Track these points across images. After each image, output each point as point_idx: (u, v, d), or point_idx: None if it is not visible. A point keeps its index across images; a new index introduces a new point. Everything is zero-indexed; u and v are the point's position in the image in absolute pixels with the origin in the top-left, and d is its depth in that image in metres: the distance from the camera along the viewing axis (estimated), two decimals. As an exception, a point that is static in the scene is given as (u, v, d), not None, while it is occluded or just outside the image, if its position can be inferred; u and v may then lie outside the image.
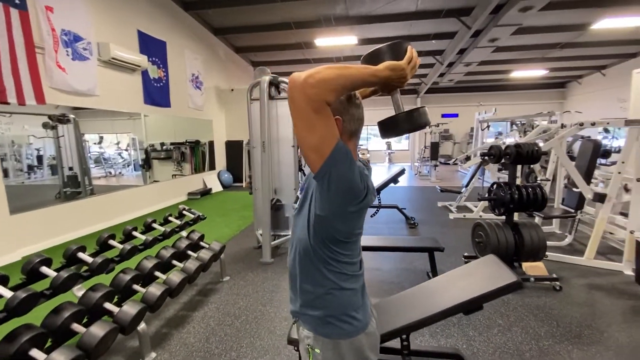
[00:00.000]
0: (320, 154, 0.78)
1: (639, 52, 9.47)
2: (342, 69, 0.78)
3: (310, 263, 0.92)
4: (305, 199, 0.95)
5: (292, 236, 1.02)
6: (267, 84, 3.47)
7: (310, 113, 0.76)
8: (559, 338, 2.18)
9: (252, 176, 3.96)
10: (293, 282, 1.01)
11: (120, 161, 6.71)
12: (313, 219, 0.88)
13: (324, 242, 0.89)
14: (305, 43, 8.67)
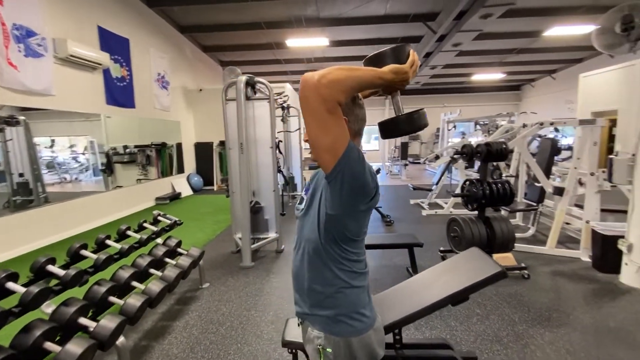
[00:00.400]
0: (334, 154, 0.79)
1: (584, 58, 10.41)
2: (351, 71, 0.79)
3: (321, 263, 0.92)
4: (313, 200, 0.95)
5: (298, 237, 1.01)
6: (244, 84, 3.40)
7: (324, 113, 0.77)
8: (531, 322, 2.33)
9: (229, 178, 3.86)
10: (299, 283, 1.00)
11: (75, 166, 6.23)
12: (324, 219, 0.88)
13: (335, 241, 0.90)
14: (276, 43, 8.60)
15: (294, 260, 1.02)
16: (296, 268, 1.01)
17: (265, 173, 3.85)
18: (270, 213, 3.91)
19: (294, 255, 1.03)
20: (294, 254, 1.03)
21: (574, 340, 2.13)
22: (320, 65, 10.73)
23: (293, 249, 1.05)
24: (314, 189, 0.97)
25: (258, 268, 3.44)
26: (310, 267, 0.94)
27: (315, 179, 0.99)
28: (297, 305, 1.04)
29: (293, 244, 1.05)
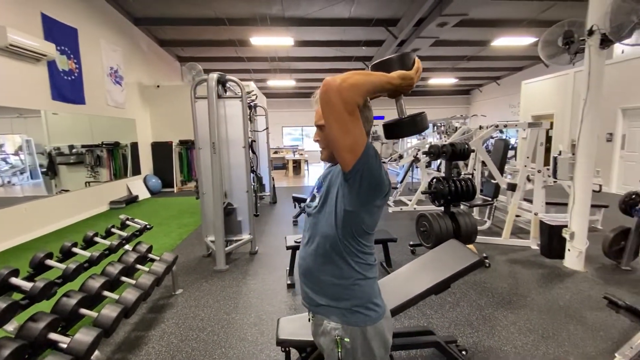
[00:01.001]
0: (354, 153, 0.84)
1: (524, 67, 11.54)
2: (367, 75, 0.84)
3: (338, 257, 0.96)
4: (327, 197, 0.98)
5: (310, 234, 1.03)
6: (215, 81, 3.30)
7: (345, 115, 0.81)
8: (496, 306, 2.57)
9: (199, 179, 3.72)
10: (312, 278, 1.02)
11: (5, 168, 5.55)
12: (342, 215, 0.92)
13: (353, 236, 0.94)
14: (239, 40, 8.40)
15: (305, 257, 1.04)
16: (307, 263, 1.02)
17: (238, 173, 3.77)
18: (243, 214, 3.83)
19: (304, 251, 1.04)
20: (304, 250, 1.05)
21: (532, 319, 2.38)
22: (285, 64, 10.70)
23: (303, 245, 1.06)
24: (328, 186, 0.99)
25: (233, 271, 3.36)
26: (326, 261, 0.97)
27: (329, 177, 1.02)
28: (307, 300, 1.05)
29: (304, 240, 1.06)
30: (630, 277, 2.99)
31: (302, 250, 1.07)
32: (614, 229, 3.23)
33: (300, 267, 1.07)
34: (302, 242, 1.09)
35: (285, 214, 5.74)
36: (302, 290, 1.08)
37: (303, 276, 1.06)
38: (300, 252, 1.09)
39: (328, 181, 1.00)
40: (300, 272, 1.07)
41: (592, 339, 2.14)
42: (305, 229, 1.08)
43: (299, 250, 1.10)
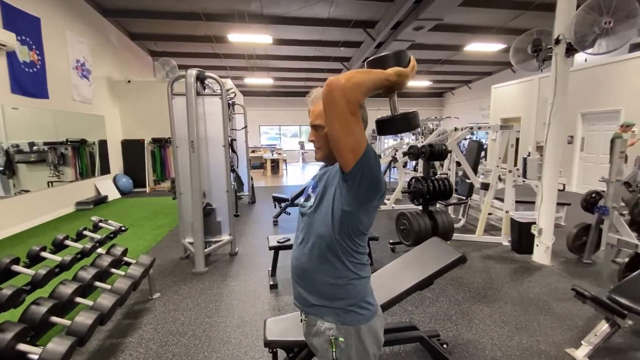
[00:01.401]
0: (355, 153, 0.84)
1: (493, 72, 12.09)
2: (367, 74, 0.85)
3: (334, 257, 0.96)
4: (324, 197, 0.97)
5: (305, 233, 1.02)
6: (194, 78, 3.21)
7: (348, 115, 0.81)
8: (472, 300, 2.68)
9: (176, 179, 3.60)
10: (306, 278, 1.01)
11: None
12: (339, 215, 0.92)
13: (349, 236, 0.94)
14: (215, 37, 8.20)
15: (299, 257, 1.03)
16: (302, 263, 1.02)
17: (217, 173, 3.68)
18: (223, 215, 3.75)
19: (299, 251, 1.04)
20: (298, 250, 1.04)
21: (506, 312, 2.51)
22: (263, 62, 10.57)
23: (297, 245, 1.05)
24: (324, 186, 0.99)
25: (213, 273, 3.28)
26: (322, 261, 0.97)
27: (326, 176, 1.01)
28: (300, 300, 1.05)
29: (298, 240, 1.05)
30: (591, 270, 3.22)
31: (295, 250, 1.06)
32: (577, 225, 3.47)
33: (293, 267, 1.07)
34: (295, 242, 1.08)
35: (264, 214, 5.67)
36: (295, 290, 1.08)
37: (297, 276, 1.06)
38: (293, 252, 1.08)
39: (324, 181, 1.00)
40: (294, 272, 1.07)
41: (560, 328, 2.28)
42: (298, 228, 1.08)
43: (293, 250, 1.09)
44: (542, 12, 6.67)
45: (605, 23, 2.59)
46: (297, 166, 13.89)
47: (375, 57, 0.98)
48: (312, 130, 1.04)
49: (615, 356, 1.99)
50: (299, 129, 16.27)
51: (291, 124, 16.00)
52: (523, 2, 6.53)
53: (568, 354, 2.01)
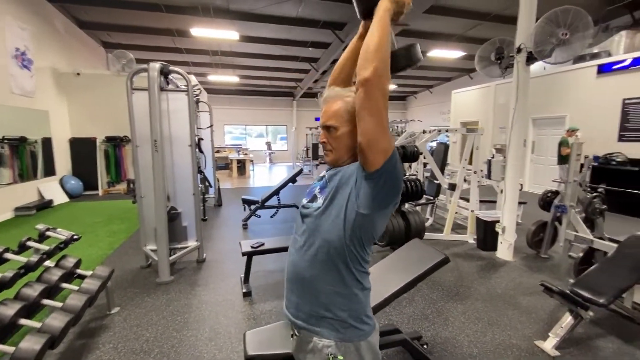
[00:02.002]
0: (386, 152, 0.82)
1: (453, 77, 12.74)
2: (381, 41, 0.81)
3: (341, 264, 0.89)
4: (334, 199, 0.90)
5: (307, 237, 0.93)
6: (158, 72, 2.97)
7: (383, 110, 0.81)
8: (446, 299, 2.74)
9: (137, 181, 3.31)
10: (304, 286, 0.93)
11: None
12: (353, 219, 0.86)
13: (360, 242, 0.88)
14: (177, 30, 7.77)
15: (297, 262, 0.95)
16: (301, 270, 0.93)
17: (183, 174, 3.44)
18: (189, 219, 3.51)
19: (298, 256, 0.95)
20: (298, 255, 0.95)
21: (478, 308, 2.59)
22: (228, 59, 10.21)
23: (296, 250, 0.96)
24: (336, 187, 0.91)
25: (179, 282, 3.05)
26: (326, 268, 0.90)
27: (338, 177, 0.93)
28: (293, 311, 0.96)
29: (297, 244, 0.96)
30: (548, 264, 3.46)
31: (294, 254, 0.97)
32: (535, 223, 3.71)
33: (290, 274, 0.97)
34: (293, 246, 0.99)
35: (232, 217, 5.44)
36: (289, 299, 0.98)
37: (292, 283, 0.97)
38: (290, 257, 0.99)
39: (336, 182, 0.92)
40: (290, 279, 0.98)
41: (528, 322, 2.40)
42: (297, 232, 0.99)
43: (289, 255, 1.00)
44: (497, 24, 7.12)
45: (562, 35, 2.79)
46: (264, 167, 13.61)
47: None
48: (324, 131, 0.97)
49: (579, 346, 2.12)
50: (265, 129, 15.98)
51: (257, 124, 15.67)
52: (480, 13, 6.93)
53: (537, 346, 2.11)
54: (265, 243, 2.95)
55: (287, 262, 1.00)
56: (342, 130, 0.92)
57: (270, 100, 15.24)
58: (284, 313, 1.02)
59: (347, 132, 0.92)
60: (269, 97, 15.20)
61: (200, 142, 3.71)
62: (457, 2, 6.50)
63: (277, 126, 15.97)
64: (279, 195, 5.04)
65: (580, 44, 2.75)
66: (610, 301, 1.99)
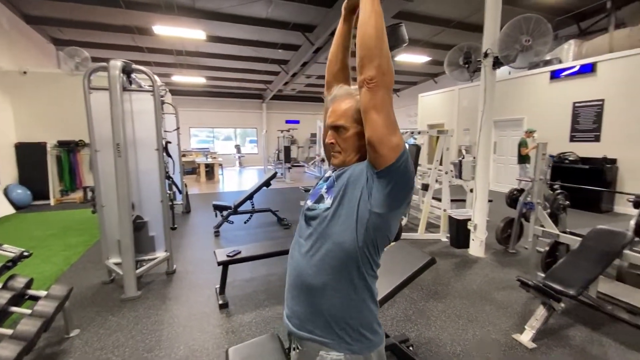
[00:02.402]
0: (397, 150, 0.79)
1: (419, 81, 13.20)
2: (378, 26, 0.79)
3: (353, 268, 0.83)
4: (344, 199, 0.84)
5: (314, 240, 0.87)
6: (120, 70, 2.74)
7: (390, 108, 0.80)
8: (426, 298, 2.77)
9: (96, 188, 3.03)
10: (310, 294, 0.86)
11: None
12: (367, 219, 0.81)
13: (375, 244, 0.84)
14: (138, 28, 7.34)
15: (303, 268, 0.87)
16: (307, 276, 0.86)
17: (149, 180, 3.21)
18: (157, 229, 3.28)
19: (304, 261, 0.87)
20: (303, 260, 0.88)
21: (457, 306, 2.64)
22: (194, 59, 9.82)
23: (301, 254, 0.89)
24: (345, 186, 0.86)
25: (148, 297, 2.83)
26: (337, 273, 0.84)
27: (347, 176, 0.87)
28: (296, 322, 0.89)
29: (303, 248, 0.89)
30: (517, 258, 3.63)
31: (298, 260, 0.89)
32: (503, 220, 3.89)
33: (293, 281, 0.90)
34: (296, 251, 0.91)
35: (202, 225, 5.19)
36: (292, 309, 0.91)
37: (297, 291, 0.89)
38: (294, 262, 0.91)
39: (345, 180, 0.86)
40: (293, 287, 0.90)
41: (504, 316, 2.48)
42: (302, 235, 0.92)
43: (293, 260, 0.92)
44: (460, 30, 7.48)
45: (526, 41, 2.95)
46: (234, 171, 13.23)
47: None
48: (333, 132, 0.91)
49: (552, 336, 2.22)
50: (233, 131, 15.56)
51: (225, 127, 15.22)
52: (445, 19, 7.23)
53: (515, 340, 2.18)
54: (242, 251, 2.82)
55: (289, 268, 0.93)
56: (352, 130, 0.89)
57: (239, 102, 14.89)
58: (284, 324, 0.94)
59: (357, 133, 0.88)
60: (238, 99, 14.85)
61: (168, 145, 3.49)
62: (423, 9, 6.72)
63: (246, 129, 15.63)
64: (252, 199, 4.88)
65: (542, 48, 2.93)
66: (580, 292, 2.11)
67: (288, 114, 15.45)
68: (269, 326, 2.35)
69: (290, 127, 14.24)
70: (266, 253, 2.83)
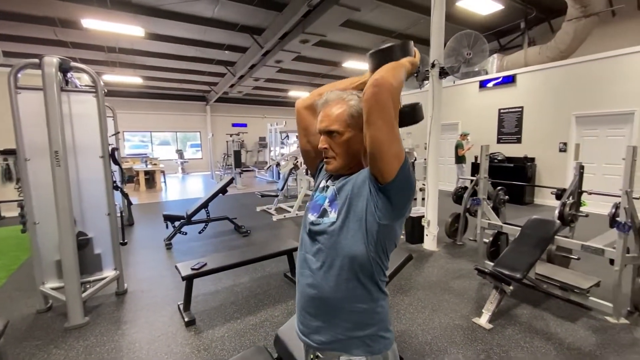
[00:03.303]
0: (399, 159, 0.79)
1: (362, 87, 13.76)
2: (401, 67, 0.82)
3: (367, 278, 0.86)
4: (350, 211, 0.85)
5: (326, 256, 0.87)
6: (56, 67, 2.41)
7: (393, 119, 0.78)
8: (394, 293, 2.91)
9: (26, 203, 2.62)
10: (328, 308, 0.87)
11: None
12: (376, 231, 0.83)
13: (384, 252, 0.86)
14: (61, 20, 6.50)
15: (318, 284, 0.87)
16: (324, 292, 0.87)
17: (94, 191, 2.87)
18: (103, 245, 2.94)
19: (318, 278, 0.88)
20: (316, 276, 0.88)
21: (421, 298, 2.83)
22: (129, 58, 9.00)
23: (313, 271, 0.88)
24: (349, 198, 0.86)
25: (98, 322, 2.52)
26: (353, 285, 0.85)
27: (349, 187, 0.88)
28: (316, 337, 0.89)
29: (314, 264, 0.88)
30: (464, 250, 4.01)
31: (310, 277, 0.89)
32: (451, 215, 4.26)
33: (309, 298, 0.89)
34: (306, 267, 0.91)
35: (150, 238, 4.77)
36: (308, 326, 0.91)
37: (314, 308, 0.89)
38: (305, 280, 0.90)
39: (348, 192, 0.87)
40: (309, 304, 0.90)
41: (463, 303, 2.72)
42: (308, 251, 0.91)
43: (303, 278, 0.91)
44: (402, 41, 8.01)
45: (467, 54, 3.29)
46: (177, 178, 12.39)
47: (381, 48, 0.91)
48: (326, 137, 0.90)
49: (504, 316, 2.50)
50: (174, 135, 14.55)
51: (165, 130, 14.15)
52: (387, 30, 7.71)
53: (475, 323, 2.41)
54: (207, 263, 2.67)
55: (301, 286, 0.92)
56: (346, 135, 0.89)
57: (180, 104, 13.95)
58: (301, 339, 0.93)
59: (351, 137, 0.89)
60: (179, 100, 13.91)
61: (115, 152, 3.13)
62: (367, 19, 7.08)
63: (187, 132, 14.72)
64: (207, 208, 4.63)
65: (480, 61, 3.30)
66: (524, 275, 2.41)
67: (234, 117, 14.93)
68: (244, 338, 2.26)
69: (240, 130, 13.82)
70: (235, 263, 2.71)
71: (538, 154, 6.57)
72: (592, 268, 3.20)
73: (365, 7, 6.03)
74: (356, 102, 0.89)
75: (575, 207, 2.97)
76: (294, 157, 5.99)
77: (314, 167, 1.10)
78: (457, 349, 2.14)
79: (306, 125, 1.05)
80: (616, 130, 5.63)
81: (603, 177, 5.76)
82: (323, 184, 0.99)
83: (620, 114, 5.49)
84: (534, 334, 2.28)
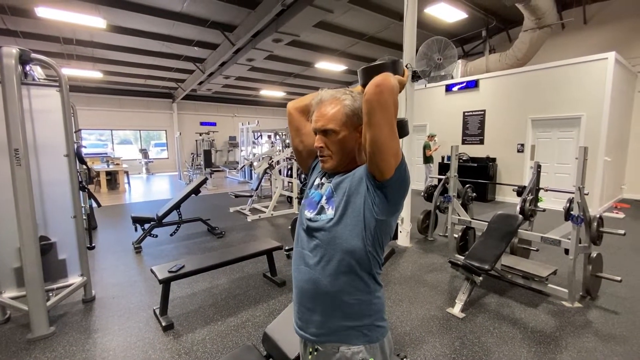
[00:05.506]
0: (397, 158, 0.84)
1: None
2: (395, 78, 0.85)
3: (365, 271, 0.90)
4: (348, 207, 0.89)
5: (323, 252, 0.90)
6: (16, 59, 2.23)
7: (393, 118, 0.81)
8: (371, 289, 3.00)
9: (-21, 207, 2.39)
10: (327, 302, 0.90)
11: None
12: (374, 226, 0.87)
13: (381, 245, 0.91)
14: (12, 7, 5.97)
15: (316, 279, 0.90)
16: (322, 286, 0.90)
17: (57, 193, 2.68)
18: (68, 250, 2.75)
19: (316, 272, 0.90)
20: (315, 271, 0.91)
21: (398, 291, 2.94)
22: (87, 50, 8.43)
23: (310, 266, 0.91)
24: (347, 195, 0.89)
25: (65, 332, 2.36)
26: (352, 278, 0.89)
27: (346, 184, 0.91)
28: (314, 330, 0.92)
29: (312, 260, 0.91)
30: (435, 245, 4.21)
31: (308, 271, 0.92)
32: (422, 212, 4.46)
33: (308, 293, 0.92)
34: (303, 263, 0.94)
35: (117, 241, 4.52)
36: (307, 320, 0.94)
37: (312, 302, 0.92)
38: (304, 275, 0.93)
39: (346, 189, 0.91)
40: (307, 298, 0.93)
41: (437, 295, 2.87)
42: (305, 247, 0.94)
43: (301, 273, 0.94)
44: (372, 44, 8.24)
45: (438, 59, 3.47)
46: (141, 179, 11.78)
47: (372, 65, 0.96)
48: (321, 136, 0.93)
49: (474, 305, 2.67)
50: (138, 134, 13.81)
51: (127, 128, 13.38)
52: (359, 33, 7.87)
53: (449, 313, 2.56)
54: (185, 265, 2.59)
55: (299, 281, 0.95)
56: (342, 134, 0.92)
57: (144, 101, 13.26)
58: (298, 334, 0.96)
59: (347, 136, 0.92)
60: (143, 97, 13.22)
61: (80, 150, 2.92)
62: (340, 21, 7.19)
63: (151, 131, 14.03)
64: (179, 209, 4.48)
65: (450, 66, 3.49)
66: (492, 266, 2.60)
67: (203, 116, 14.46)
68: (226, 340, 2.23)
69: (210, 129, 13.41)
70: (214, 264, 2.66)
71: (499, 154, 7.04)
72: (548, 258, 3.51)
73: (338, 9, 6.13)
74: (350, 101, 0.93)
75: (534, 202, 3.24)
76: (268, 157, 5.94)
77: (306, 165, 1.13)
78: (434, 337, 2.26)
79: (298, 126, 1.08)
80: (566, 132, 6.18)
81: (555, 176, 6.31)
82: (318, 181, 1.01)
83: (569, 118, 6.04)
84: (502, 320, 2.46)
